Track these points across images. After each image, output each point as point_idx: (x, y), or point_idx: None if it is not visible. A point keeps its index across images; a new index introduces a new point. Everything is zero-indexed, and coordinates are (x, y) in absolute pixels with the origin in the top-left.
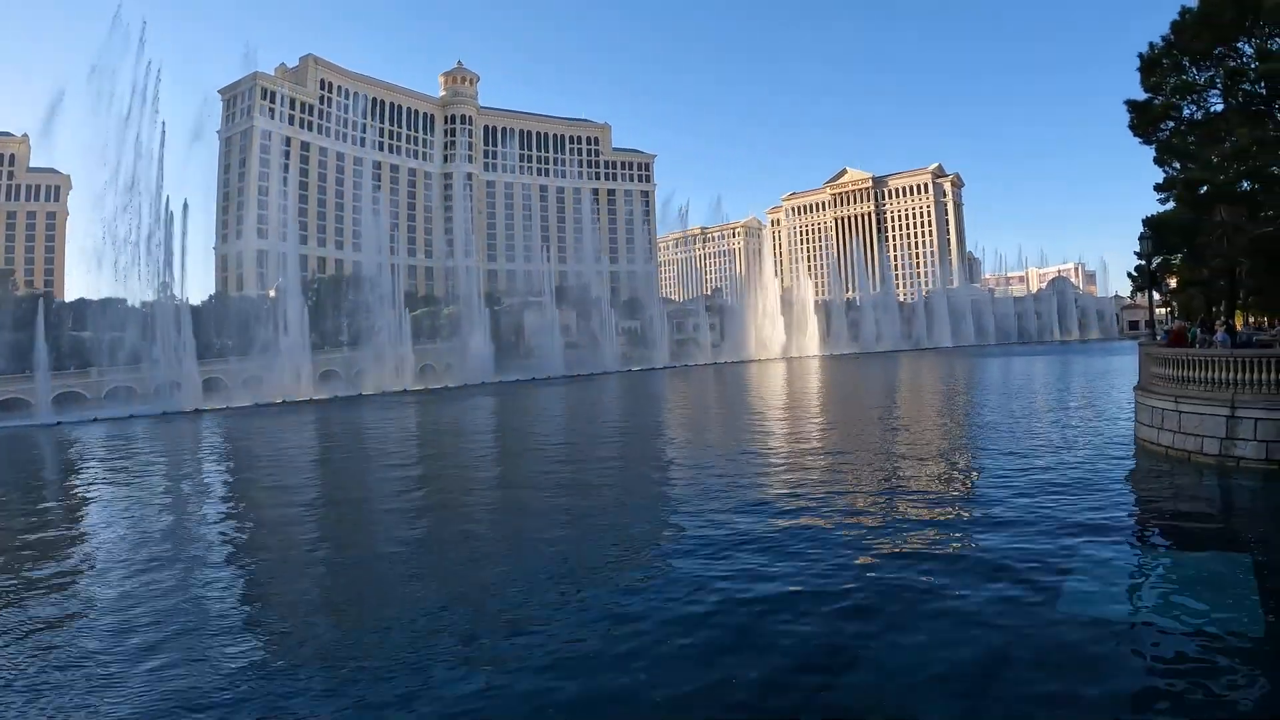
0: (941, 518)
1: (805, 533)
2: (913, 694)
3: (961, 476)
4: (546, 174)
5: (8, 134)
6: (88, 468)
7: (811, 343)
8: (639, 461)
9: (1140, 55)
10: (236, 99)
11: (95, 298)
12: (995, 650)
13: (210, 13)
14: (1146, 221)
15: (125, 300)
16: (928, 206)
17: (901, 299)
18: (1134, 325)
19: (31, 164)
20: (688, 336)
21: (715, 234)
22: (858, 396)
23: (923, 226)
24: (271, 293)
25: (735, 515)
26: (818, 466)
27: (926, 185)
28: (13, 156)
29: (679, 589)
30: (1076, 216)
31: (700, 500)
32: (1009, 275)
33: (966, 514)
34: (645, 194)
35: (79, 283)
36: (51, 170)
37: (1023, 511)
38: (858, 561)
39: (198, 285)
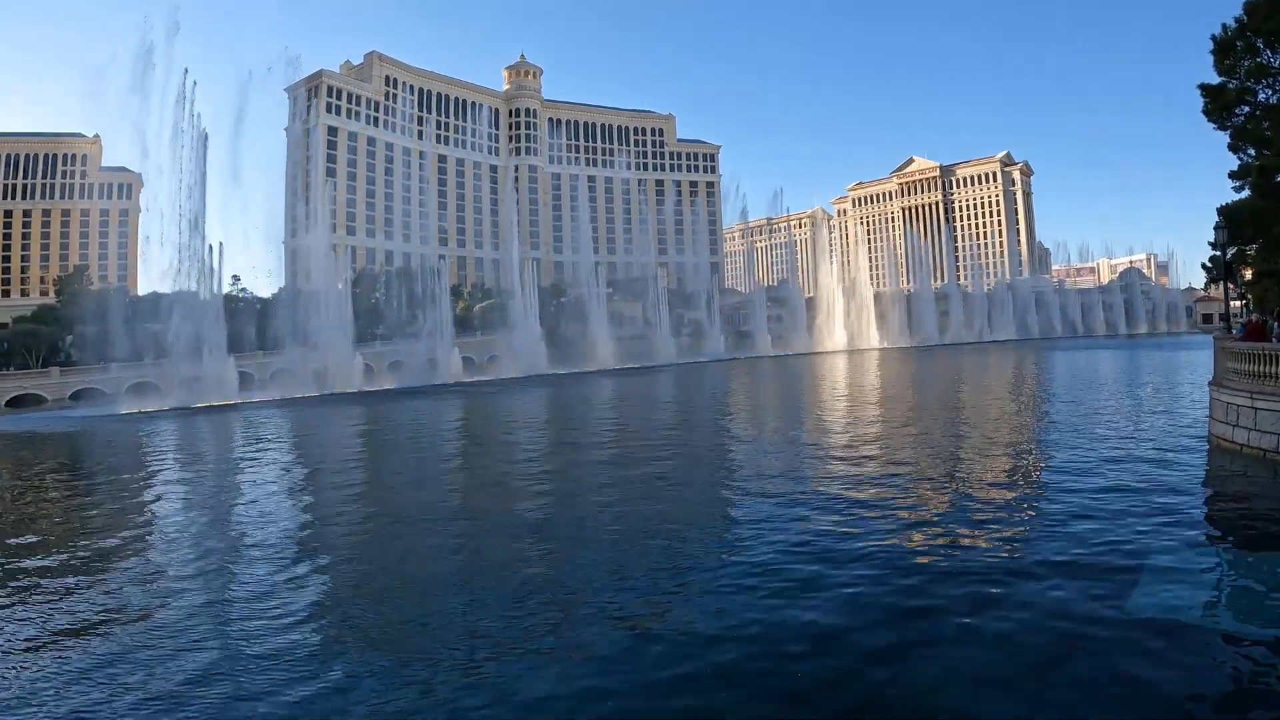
0: (1008, 514)
1: (869, 527)
2: (977, 691)
3: (1029, 473)
4: (610, 166)
5: (79, 134)
6: (172, 456)
7: (875, 335)
8: (704, 453)
9: (1213, 37)
10: (302, 96)
11: (166, 291)
12: (1062, 649)
13: (276, 11)
14: (1221, 210)
15: (196, 294)
16: (996, 196)
17: (969, 290)
18: (1207, 318)
19: (104, 163)
20: (751, 328)
21: (781, 225)
22: (922, 390)
23: (991, 216)
24: (340, 285)
25: (802, 507)
26: (881, 460)
27: (995, 174)
28: (85, 157)
29: (753, 579)
30: (1149, 205)
31: (762, 491)
32: (1079, 266)
33: (1034, 510)
34: (710, 185)
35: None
36: (123, 169)
37: (1092, 508)
38: (923, 556)
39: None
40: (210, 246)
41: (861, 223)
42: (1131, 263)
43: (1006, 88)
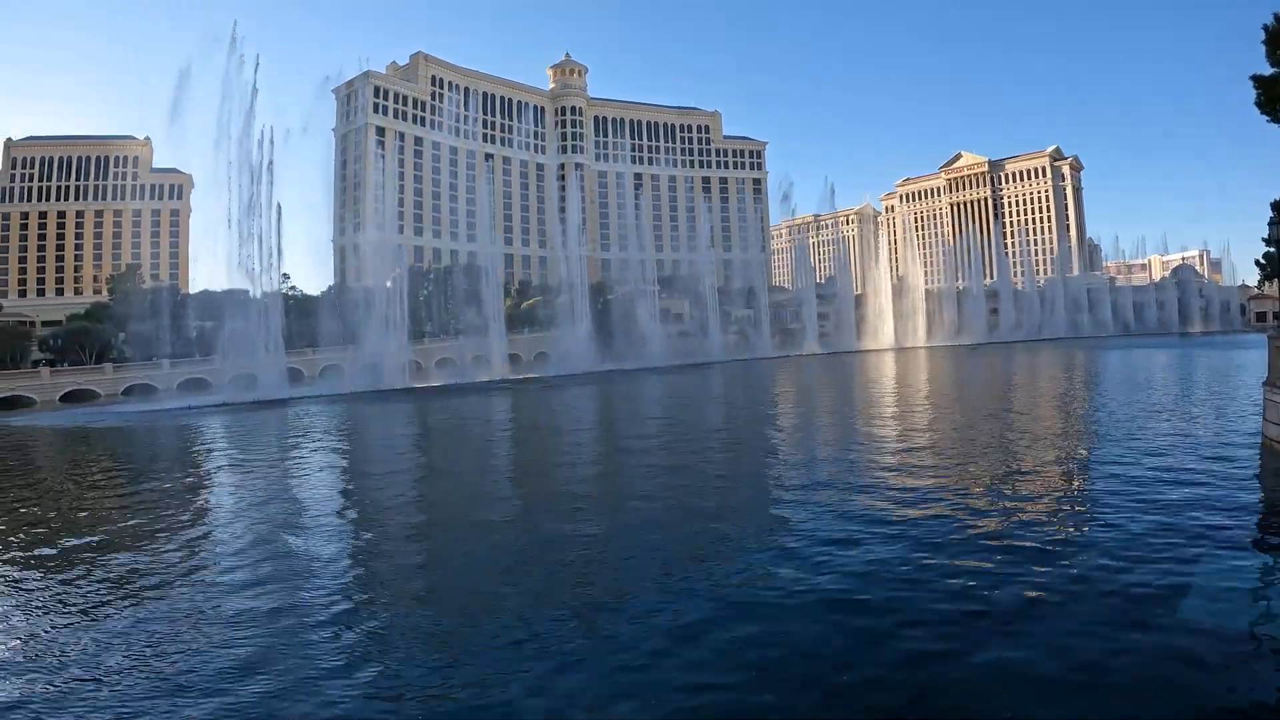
0: (1057, 516)
1: (918, 527)
2: (1022, 695)
3: (1078, 474)
4: (657, 163)
5: (130, 137)
6: (224, 450)
7: (924, 333)
8: (755, 452)
9: (1265, 27)
10: (350, 97)
11: (218, 289)
12: (1109, 654)
13: (320, 12)
14: (1275, 205)
15: (247, 291)
16: (1045, 191)
17: (1019, 287)
18: (1261, 317)
19: (155, 164)
20: (799, 325)
21: (828, 221)
22: (973, 390)
23: (1041, 212)
24: (389, 283)
25: (851, 509)
26: (931, 462)
27: (1044, 169)
28: (136, 159)
29: (799, 576)
30: (1202, 200)
31: (811, 488)
32: (1130, 263)
33: (1083, 510)
34: (756, 181)
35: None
36: (174, 170)
37: (1142, 511)
38: (973, 556)
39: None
40: (267, 246)
41: (910, 219)
42: (1184, 259)
43: (1055, 81)
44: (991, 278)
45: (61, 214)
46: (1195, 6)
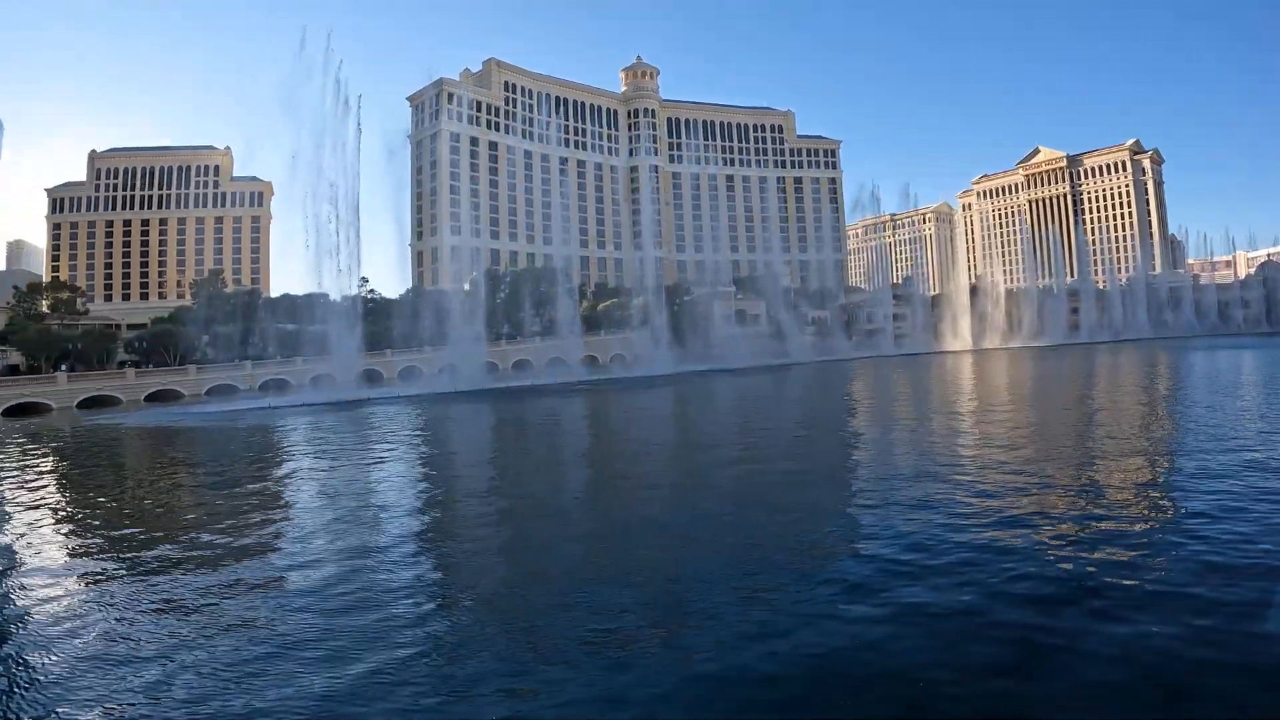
0: (1143, 525)
1: (1001, 535)
2: (1102, 705)
3: (1167, 481)
4: (731, 163)
5: (211, 147)
6: (306, 449)
7: (1003, 334)
8: (832, 454)
9: None
10: (424, 104)
11: (298, 293)
12: (1193, 664)
13: (392, 21)
14: None
15: (327, 295)
16: (1125, 186)
17: (1100, 286)
18: None
19: (236, 173)
20: (875, 327)
21: (905, 220)
22: (1058, 393)
23: (1121, 208)
24: (466, 286)
25: (931, 513)
26: (1012, 469)
27: (1124, 163)
28: (217, 168)
29: (874, 583)
30: None
31: (889, 491)
32: (1215, 260)
33: (1169, 515)
34: (832, 181)
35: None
36: (254, 178)
37: (1228, 521)
38: (1050, 565)
39: (396, 279)
40: (347, 251)
41: (988, 216)
42: (1270, 255)
43: (1134, 71)
44: (1072, 276)
45: (146, 222)
46: None
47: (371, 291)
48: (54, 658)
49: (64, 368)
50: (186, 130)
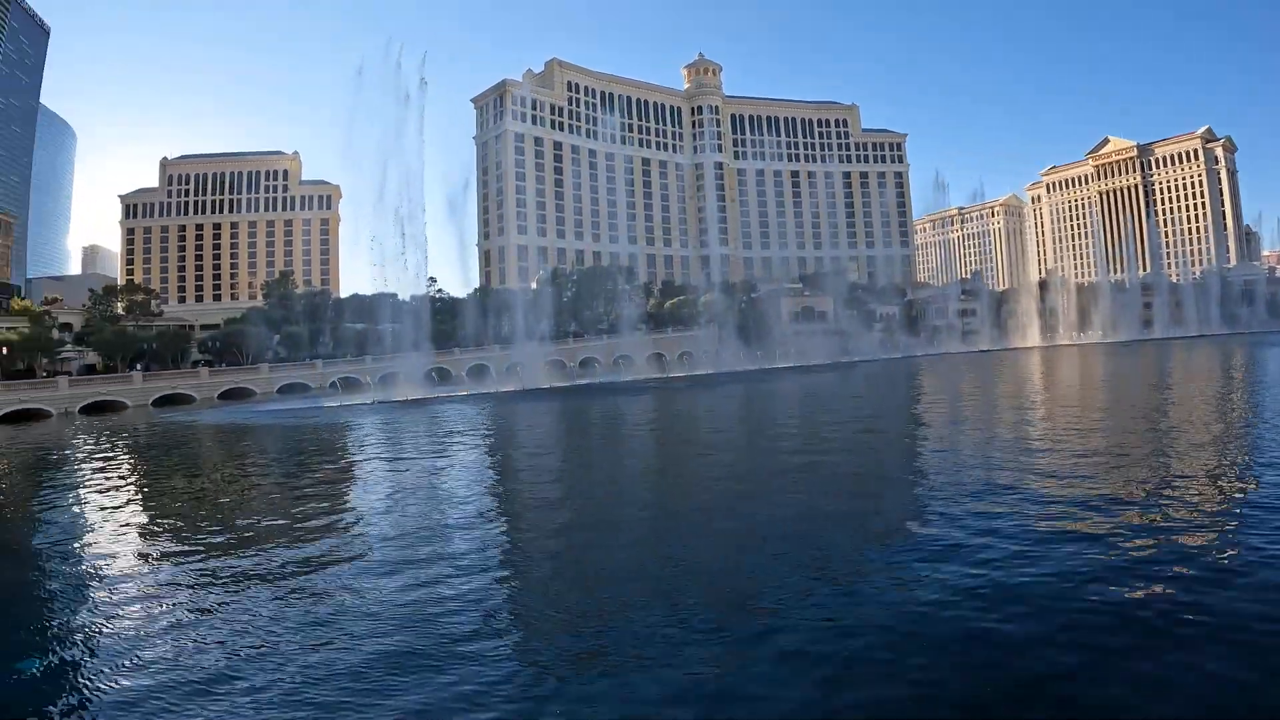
0: (1217, 538)
1: (1065, 541)
2: (1173, 711)
3: (1244, 491)
4: (796, 159)
5: (280, 152)
6: (378, 446)
7: (1076, 329)
8: (900, 455)
9: None
10: (488, 106)
11: (367, 293)
12: (1255, 674)
13: (455, 25)
14: None
15: (396, 295)
16: (1198, 175)
17: (1174, 279)
18: None
19: (304, 177)
20: (945, 322)
21: (973, 214)
22: (1132, 392)
23: (1193, 198)
24: (532, 285)
25: (1001, 519)
26: (1089, 472)
27: (1196, 152)
28: (286, 172)
29: (937, 581)
30: None
31: (955, 491)
32: None
33: (1247, 533)
34: (898, 175)
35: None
36: (322, 182)
37: None
38: (1122, 570)
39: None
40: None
41: (1058, 209)
42: None
43: (1203, 58)
44: (1146, 269)
45: (217, 226)
46: None
47: (440, 291)
48: (132, 657)
49: (139, 367)
50: (257, 136)
